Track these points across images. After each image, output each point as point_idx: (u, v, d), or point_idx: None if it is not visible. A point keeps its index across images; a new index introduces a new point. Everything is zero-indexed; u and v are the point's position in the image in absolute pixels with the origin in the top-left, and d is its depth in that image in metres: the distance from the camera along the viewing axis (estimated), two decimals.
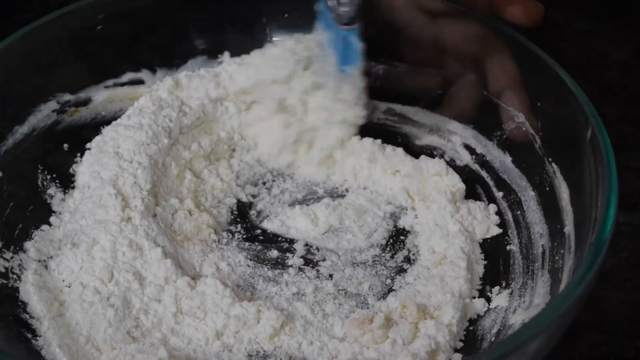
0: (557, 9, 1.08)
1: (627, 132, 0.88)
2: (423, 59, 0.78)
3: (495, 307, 0.65)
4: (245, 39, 0.83)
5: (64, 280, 0.65)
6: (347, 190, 0.76)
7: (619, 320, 0.69)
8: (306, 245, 0.71)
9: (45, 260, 0.67)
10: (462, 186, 0.74)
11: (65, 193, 0.73)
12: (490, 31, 0.72)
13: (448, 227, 0.70)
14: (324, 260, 0.69)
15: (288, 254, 0.70)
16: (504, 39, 0.72)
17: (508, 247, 0.71)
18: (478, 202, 0.73)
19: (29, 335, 0.61)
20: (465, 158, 0.78)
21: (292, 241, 0.71)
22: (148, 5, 0.78)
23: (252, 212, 0.75)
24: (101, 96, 0.79)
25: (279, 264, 0.69)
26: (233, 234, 0.72)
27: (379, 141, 0.78)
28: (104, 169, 0.70)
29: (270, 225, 0.73)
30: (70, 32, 0.75)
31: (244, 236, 0.72)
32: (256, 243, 0.71)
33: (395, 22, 0.77)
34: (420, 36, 0.77)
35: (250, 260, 0.69)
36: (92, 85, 0.78)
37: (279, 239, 0.72)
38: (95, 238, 0.66)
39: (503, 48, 0.71)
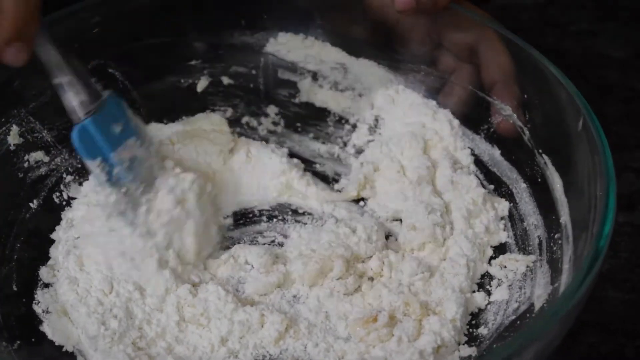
0: (557, 9, 1.10)
1: (627, 132, 0.90)
2: (416, 55, 0.80)
3: (496, 300, 0.67)
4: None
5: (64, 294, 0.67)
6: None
7: (619, 320, 0.71)
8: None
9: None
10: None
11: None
12: (483, 26, 0.75)
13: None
14: None
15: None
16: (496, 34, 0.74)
17: (503, 240, 0.72)
18: None
19: None
20: None
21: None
22: (147, 6, 0.80)
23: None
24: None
25: None
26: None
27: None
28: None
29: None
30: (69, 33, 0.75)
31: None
32: None
33: (386, 20, 0.79)
34: (414, 31, 0.79)
35: None
36: None
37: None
38: (85, 252, 0.68)
39: (497, 42, 0.74)
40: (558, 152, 0.68)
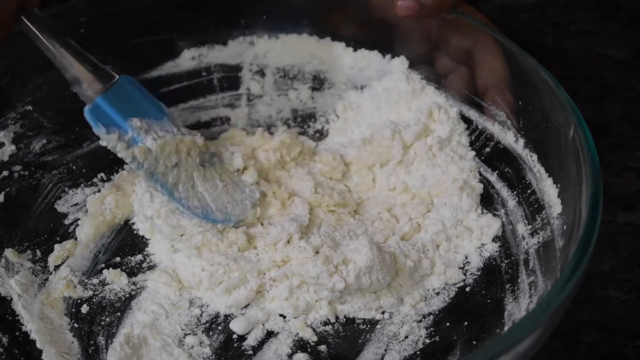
0: (557, 9, 1.10)
1: (627, 132, 0.90)
2: (416, 54, 0.81)
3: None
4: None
5: None
6: None
7: (619, 320, 0.70)
8: None
9: None
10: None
11: None
12: (481, 31, 0.75)
13: None
14: None
15: None
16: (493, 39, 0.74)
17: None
18: None
19: None
20: None
21: None
22: (147, 4, 0.81)
23: None
24: None
25: None
26: None
27: None
28: None
29: None
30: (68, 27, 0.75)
31: None
32: None
33: (387, 19, 0.79)
34: (414, 30, 0.79)
35: None
36: None
37: None
38: None
39: (493, 47, 0.74)
40: (549, 160, 0.69)
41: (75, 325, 0.65)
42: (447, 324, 0.65)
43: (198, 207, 0.69)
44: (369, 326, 0.65)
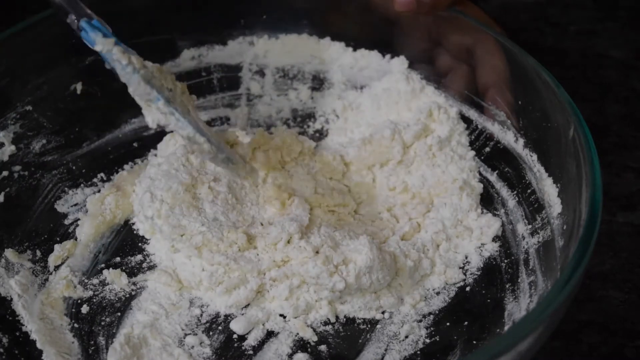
0: (557, 9, 1.10)
1: (627, 132, 0.90)
2: (416, 52, 0.81)
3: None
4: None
5: None
6: None
7: (619, 320, 0.70)
8: None
9: None
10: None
11: None
12: (482, 30, 0.75)
13: None
14: None
15: None
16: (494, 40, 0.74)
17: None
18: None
19: None
20: None
21: None
22: (147, 5, 0.81)
23: None
24: None
25: None
26: None
27: None
28: None
29: None
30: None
31: None
32: None
33: (387, 15, 0.79)
34: (414, 28, 0.79)
35: None
36: None
37: None
38: None
39: (494, 46, 0.74)
40: (549, 160, 0.69)
41: (76, 325, 0.65)
42: (447, 324, 0.65)
43: (193, 122, 0.65)
44: (369, 326, 0.65)
